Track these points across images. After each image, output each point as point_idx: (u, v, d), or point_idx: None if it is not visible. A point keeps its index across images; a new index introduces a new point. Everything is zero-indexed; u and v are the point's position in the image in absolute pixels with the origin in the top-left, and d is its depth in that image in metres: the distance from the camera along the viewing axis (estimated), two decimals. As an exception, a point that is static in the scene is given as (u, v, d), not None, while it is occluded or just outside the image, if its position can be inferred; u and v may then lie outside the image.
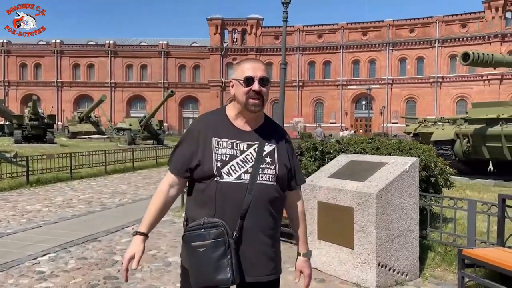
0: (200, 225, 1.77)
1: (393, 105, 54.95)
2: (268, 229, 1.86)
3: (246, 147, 1.87)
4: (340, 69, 57.85)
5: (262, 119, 1.97)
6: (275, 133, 1.96)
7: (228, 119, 1.93)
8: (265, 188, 1.84)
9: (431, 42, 53.81)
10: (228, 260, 1.73)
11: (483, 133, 10.82)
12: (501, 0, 49.67)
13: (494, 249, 4.14)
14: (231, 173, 1.82)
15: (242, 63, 1.93)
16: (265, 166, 1.86)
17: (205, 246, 1.74)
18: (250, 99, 1.85)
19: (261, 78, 1.86)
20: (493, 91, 49.26)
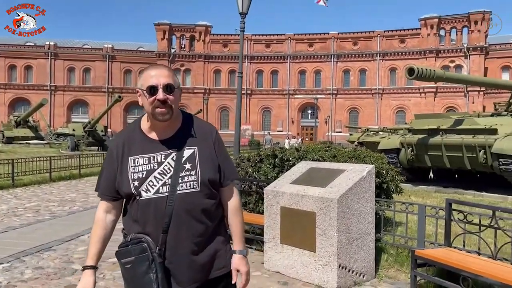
0: (128, 241, 1.79)
1: (337, 115, 56.89)
2: (197, 237, 1.78)
3: (163, 158, 1.80)
4: (287, 78, 59.11)
5: (180, 122, 1.88)
6: (196, 134, 1.87)
7: (143, 133, 1.86)
8: (187, 197, 1.77)
9: (373, 55, 56.44)
10: (153, 274, 1.70)
11: (425, 142, 11.60)
12: (436, 19, 53.21)
13: (442, 249, 4.50)
14: (149, 189, 1.77)
15: (145, 70, 1.81)
16: (185, 174, 1.78)
17: (130, 263, 1.74)
18: (156, 108, 1.75)
19: (165, 86, 1.75)
20: (429, 103, 52.48)
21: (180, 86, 1.89)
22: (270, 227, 5.04)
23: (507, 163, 9.77)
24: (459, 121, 11.90)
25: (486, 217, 4.42)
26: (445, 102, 52.25)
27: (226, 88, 60.71)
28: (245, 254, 1.93)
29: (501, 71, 51.27)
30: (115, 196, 1.87)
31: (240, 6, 8.93)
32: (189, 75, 61.74)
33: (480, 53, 51.34)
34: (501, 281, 3.61)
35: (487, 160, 10.34)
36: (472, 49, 51.46)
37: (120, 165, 1.82)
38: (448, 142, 11.09)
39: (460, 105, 51.04)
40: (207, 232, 1.83)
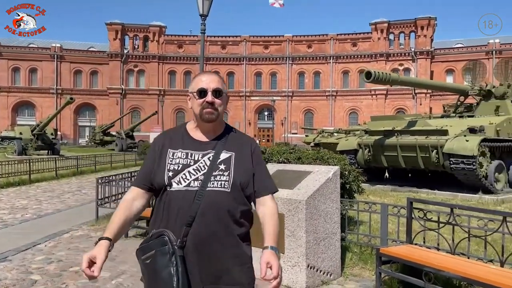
0: (149, 237, 1.79)
1: (293, 116, 57.73)
2: (221, 237, 1.78)
3: (200, 156, 1.87)
4: (244, 80, 59.29)
5: (222, 129, 1.98)
6: (235, 141, 1.95)
7: (187, 132, 1.97)
8: (216, 195, 1.80)
9: (327, 58, 57.77)
10: (173, 268, 1.69)
11: (381, 143, 12.04)
12: (385, 24, 55.29)
13: (404, 246, 4.68)
14: (181, 182, 1.82)
15: (197, 76, 1.98)
16: (218, 173, 1.83)
17: (151, 257, 1.73)
18: (204, 109, 1.88)
19: (214, 90, 1.89)
20: (380, 104, 54.40)
21: (227, 94, 2.01)
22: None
23: (457, 162, 10.33)
24: (412, 122, 12.46)
25: (444, 214, 4.66)
26: (395, 104, 54.36)
27: (181, 90, 59.95)
28: (277, 251, 1.84)
29: (445, 74, 54.01)
30: (148, 186, 1.90)
31: (200, 8, 8.87)
32: (143, 76, 60.49)
33: (426, 57, 53.86)
34: (461, 274, 3.81)
35: (439, 160, 10.88)
36: (419, 53, 53.90)
37: (159, 156, 1.90)
38: (403, 143, 11.58)
39: (409, 107, 53.27)
40: (230, 236, 1.82)
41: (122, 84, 59.23)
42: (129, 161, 22.55)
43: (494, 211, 4.37)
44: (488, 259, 4.27)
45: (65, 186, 13.44)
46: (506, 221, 3.99)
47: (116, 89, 58.83)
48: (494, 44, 52.44)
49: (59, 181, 15.05)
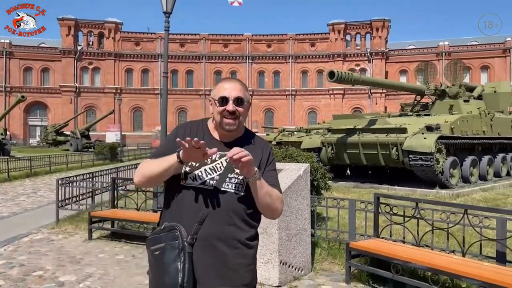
0: (161, 229, 1.81)
1: (253, 115, 57.83)
2: (229, 238, 1.81)
3: (218, 157, 1.87)
4: (203, 78, 58.78)
5: (242, 132, 1.99)
6: (252, 146, 1.96)
7: (208, 130, 1.98)
8: (229, 197, 1.83)
9: (286, 57, 58.31)
10: (180, 263, 1.71)
11: (344, 141, 12.35)
12: (342, 25, 56.55)
13: (372, 240, 4.84)
14: (196, 179, 1.84)
15: (220, 82, 1.97)
16: (234, 176, 1.86)
17: (160, 249, 1.76)
18: (224, 118, 1.87)
19: (236, 98, 1.87)
20: (337, 104, 55.61)
21: (250, 100, 2.00)
22: (209, 229, 5.03)
23: (416, 158, 10.78)
24: (372, 121, 12.88)
25: (408, 209, 4.86)
26: (352, 103, 55.72)
27: (139, 88, 58.68)
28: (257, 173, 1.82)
29: (399, 75, 55.94)
30: None
31: (164, 5, 8.72)
32: (99, 74, 58.61)
33: (381, 58, 55.54)
34: (426, 265, 4.00)
35: (399, 157, 11.31)
36: (374, 53, 55.48)
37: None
38: (364, 140, 11.94)
39: (365, 106, 54.78)
40: (240, 237, 1.84)
41: (76, 82, 57.15)
42: (86, 161, 21.84)
43: (456, 204, 4.61)
44: (450, 250, 4.50)
45: (18, 188, 12.86)
46: (467, 214, 4.22)
47: (70, 87, 56.69)
48: (443, 46, 54.86)
49: (12, 183, 14.36)
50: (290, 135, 23.50)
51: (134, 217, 6.36)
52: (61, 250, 5.89)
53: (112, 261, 5.40)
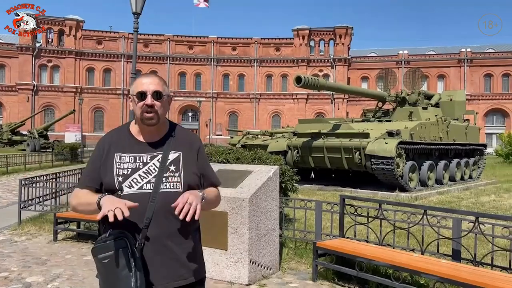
0: (106, 237, 1.79)
1: (217, 118, 57.82)
2: (176, 235, 1.86)
3: (149, 159, 1.90)
4: (167, 80, 58.14)
5: (166, 129, 1.98)
6: (181, 141, 1.98)
7: (131, 134, 1.96)
8: (169, 196, 1.83)
9: (251, 61, 58.70)
10: (131, 268, 1.72)
11: (309, 145, 12.66)
12: (307, 30, 57.56)
13: (338, 240, 5.05)
14: (132, 185, 1.85)
15: (137, 78, 1.98)
16: (169, 174, 1.88)
17: (109, 257, 1.74)
18: (144, 113, 1.88)
19: (154, 92, 1.88)
20: (301, 108, 56.51)
21: (170, 95, 2.00)
22: (180, 229, 5.08)
23: (378, 162, 11.20)
24: (336, 126, 13.28)
25: (372, 210, 5.11)
26: (315, 107, 56.76)
27: (100, 88, 57.31)
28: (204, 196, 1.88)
29: (361, 81, 57.60)
30: (96, 187, 1.90)
31: (133, 6, 8.66)
32: (58, 72, 56.81)
33: (344, 64, 56.97)
34: (389, 262, 4.23)
35: (362, 161, 11.71)
36: (337, 60, 56.82)
37: (105, 159, 1.90)
38: (329, 144, 12.29)
39: (328, 111, 55.95)
40: (186, 234, 1.90)
41: (34, 80, 55.14)
42: (45, 162, 21.14)
43: (417, 205, 4.89)
44: (410, 248, 4.77)
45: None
46: (426, 214, 4.50)
47: (27, 85, 54.62)
48: (403, 55, 56.96)
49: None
50: (255, 138, 23.74)
51: (101, 218, 6.29)
52: (26, 251, 5.76)
53: (80, 262, 5.35)
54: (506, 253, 4.32)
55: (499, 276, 3.80)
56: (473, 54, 55.67)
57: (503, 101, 54.28)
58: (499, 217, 4.70)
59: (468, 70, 55.24)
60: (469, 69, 55.26)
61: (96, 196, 1.81)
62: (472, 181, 15.61)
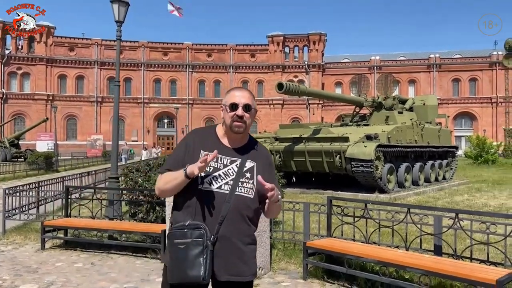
0: (185, 225, 2.00)
1: (194, 124, 57.49)
2: (243, 235, 2.08)
3: (229, 162, 2.12)
4: (142, 86, 57.61)
5: (247, 139, 2.23)
6: (256, 152, 2.22)
7: (217, 136, 2.20)
8: (242, 199, 2.07)
9: (226, 67, 58.82)
10: (203, 259, 1.94)
11: (291, 150, 12.90)
12: (281, 37, 58.19)
13: (326, 240, 5.26)
14: (212, 183, 2.07)
15: (231, 91, 2.21)
16: (244, 180, 2.11)
17: (185, 244, 1.95)
18: (234, 122, 2.11)
19: (245, 105, 2.12)
20: (277, 114, 56.95)
21: (256, 108, 2.26)
22: (173, 233, 5.19)
23: (358, 165, 11.54)
24: (317, 130, 13.60)
25: (358, 210, 5.34)
26: (291, 113, 57.32)
27: (73, 95, 56.24)
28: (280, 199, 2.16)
29: (335, 86, 58.47)
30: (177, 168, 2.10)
31: (116, 14, 8.72)
32: (28, 80, 55.45)
33: (318, 70, 57.80)
34: (376, 258, 4.46)
35: (342, 164, 12.03)
36: (311, 66, 57.62)
37: (192, 154, 2.11)
38: (310, 149, 12.58)
39: (303, 116, 56.60)
40: (251, 235, 2.14)
41: (3, 87, 53.65)
42: (19, 171, 20.67)
43: (401, 204, 5.16)
44: (395, 245, 5.02)
45: None
46: (410, 212, 4.76)
47: (-4, 93, 53.12)
48: (375, 61, 58.28)
49: None
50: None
51: (90, 225, 6.32)
52: (14, 260, 5.73)
53: (72, 269, 5.37)
54: (483, 247, 4.60)
55: (478, 268, 4.08)
56: (441, 59, 57.49)
57: (471, 105, 56.21)
58: (477, 213, 5.00)
59: (437, 75, 57.00)
60: (438, 74, 57.02)
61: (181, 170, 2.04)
62: (445, 181, 16.18)
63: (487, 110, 55.67)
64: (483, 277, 3.74)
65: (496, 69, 54.87)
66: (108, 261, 5.77)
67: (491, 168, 25.05)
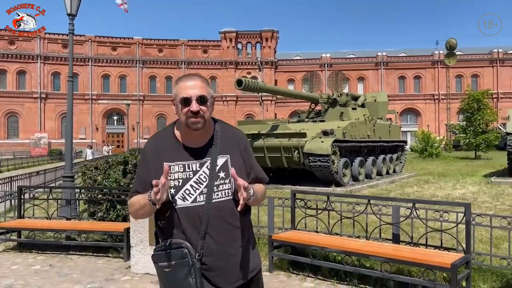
0: (166, 246, 1.82)
1: (145, 121, 56.35)
2: (232, 240, 1.87)
3: (198, 167, 1.87)
4: (89, 82, 55.59)
5: (212, 130, 1.94)
6: (228, 141, 1.94)
7: (177, 139, 1.92)
8: (222, 205, 1.85)
9: (178, 63, 57.93)
10: (192, 279, 1.76)
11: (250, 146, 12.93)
12: (234, 33, 58.12)
13: (291, 232, 5.38)
14: (186, 198, 1.83)
15: (180, 81, 1.89)
16: (220, 182, 1.86)
17: (170, 267, 1.79)
18: (189, 118, 1.82)
19: (198, 97, 1.82)
20: (231, 110, 56.89)
21: (214, 96, 1.93)
22: (137, 231, 5.11)
23: (315, 160, 11.83)
24: (275, 126, 13.80)
25: (320, 202, 5.51)
26: (244, 109, 57.48)
27: (13, 91, 53.26)
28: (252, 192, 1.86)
29: (287, 83, 59.25)
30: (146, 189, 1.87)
31: (68, 7, 8.37)
32: (-38, 75, 51.97)
33: (271, 67, 58.33)
34: (339, 248, 4.64)
35: (300, 159, 12.28)
36: (264, 62, 58.05)
37: (155, 171, 1.84)
38: (269, 144, 12.75)
39: (257, 113, 56.95)
40: (241, 237, 1.91)
41: None
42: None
43: (361, 196, 5.38)
44: (356, 235, 5.24)
45: None
46: (370, 204, 4.98)
47: None
48: (326, 58, 59.64)
49: None
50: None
51: (48, 226, 6.09)
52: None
53: (29, 271, 5.16)
54: (437, 234, 4.90)
55: (434, 254, 4.36)
56: (388, 57, 59.79)
57: (415, 101, 58.97)
58: (432, 202, 5.31)
59: (384, 72, 59.26)
60: (385, 72, 59.28)
61: (146, 195, 1.81)
62: (396, 174, 16.93)
63: (430, 106, 58.65)
64: (439, 262, 4.00)
65: (438, 67, 57.87)
66: (68, 262, 5.59)
67: (435, 161, 26.44)
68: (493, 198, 10.34)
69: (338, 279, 4.69)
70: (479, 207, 8.82)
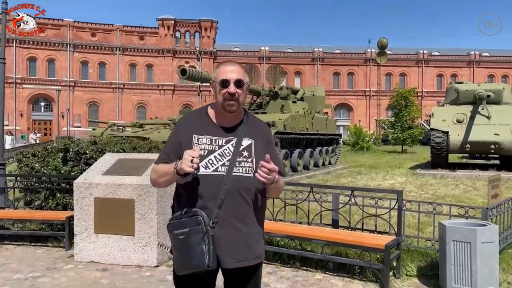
0: (181, 214, 1.94)
1: (76, 108, 53.69)
2: (245, 217, 1.99)
3: (224, 142, 2.02)
4: (13, 65, 51.81)
5: (242, 116, 2.10)
6: (254, 129, 2.10)
7: (209, 117, 2.09)
8: (241, 180, 1.96)
9: (113, 49, 55.75)
10: (205, 246, 1.86)
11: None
12: (172, 21, 56.97)
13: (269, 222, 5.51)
14: (208, 166, 1.96)
15: (221, 65, 2.07)
16: (242, 159, 1.99)
17: (184, 234, 1.89)
18: (226, 100, 1.99)
19: (236, 81, 1.99)
20: (167, 100, 55.90)
21: (249, 83, 2.10)
22: (82, 219, 5.03)
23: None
24: None
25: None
26: (182, 99, 56.69)
27: None
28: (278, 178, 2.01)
29: (226, 74, 59.29)
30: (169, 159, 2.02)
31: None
32: None
33: (210, 57, 57.96)
34: (283, 233, 4.88)
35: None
36: (203, 52, 57.58)
37: (184, 141, 2.02)
38: None
39: (194, 103, 56.40)
40: (253, 215, 2.03)
41: None
42: None
43: (305, 184, 5.66)
44: (299, 221, 5.52)
45: None
46: (312, 191, 5.28)
47: None
48: (264, 51, 60.36)
49: None
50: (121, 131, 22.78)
51: (-20, 215, 5.76)
52: None
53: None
54: (373, 219, 5.32)
55: (369, 236, 4.75)
56: (324, 53, 61.84)
57: (348, 97, 61.66)
58: (368, 189, 5.72)
59: (320, 68, 61.25)
60: (321, 67, 61.28)
61: (172, 164, 1.95)
62: (331, 166, 17.70)
63: (362, 102, 61.61)
64: (374, 243, 4.38)
65: (370, 65, 60.87)
66: (4, 252, 5.35)
67: (366, 154, 27.89)
68: (418, 188, 11.23)
69: (282, 263, 4.93)
70: (406, 196, 9.53)
